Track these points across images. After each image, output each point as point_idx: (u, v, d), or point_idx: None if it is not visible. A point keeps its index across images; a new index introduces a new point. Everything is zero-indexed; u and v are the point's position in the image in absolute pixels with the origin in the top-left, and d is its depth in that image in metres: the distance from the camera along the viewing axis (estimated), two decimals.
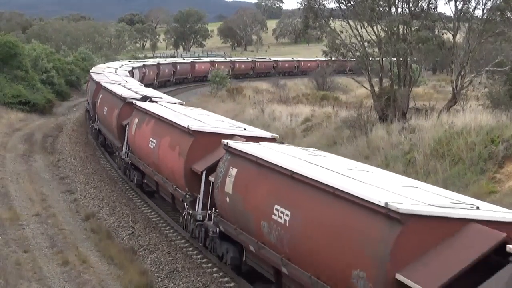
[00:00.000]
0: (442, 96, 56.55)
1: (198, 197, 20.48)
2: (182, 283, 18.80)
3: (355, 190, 12.83)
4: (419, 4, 37.00)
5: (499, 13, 35.96)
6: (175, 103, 30.78)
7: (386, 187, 13.28)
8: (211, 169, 19.67)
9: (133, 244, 22.42)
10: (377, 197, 12.15)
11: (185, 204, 21.72)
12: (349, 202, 12.82)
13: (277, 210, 15.14)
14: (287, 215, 14.85)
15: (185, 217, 21.95)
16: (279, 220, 14.97)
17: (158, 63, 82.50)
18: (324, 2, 38.97)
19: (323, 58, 40.45)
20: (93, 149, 39.25)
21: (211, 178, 19.35)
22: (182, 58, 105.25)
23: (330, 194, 13.35)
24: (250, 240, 16.92)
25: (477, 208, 12.32)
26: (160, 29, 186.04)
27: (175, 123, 22.76)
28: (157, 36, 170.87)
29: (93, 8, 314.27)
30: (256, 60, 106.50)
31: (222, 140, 19.09)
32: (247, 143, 18.83)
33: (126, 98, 31.96)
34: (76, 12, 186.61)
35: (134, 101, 29.91)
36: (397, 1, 37.09)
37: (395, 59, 37.43)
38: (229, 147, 18.26)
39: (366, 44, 37.53)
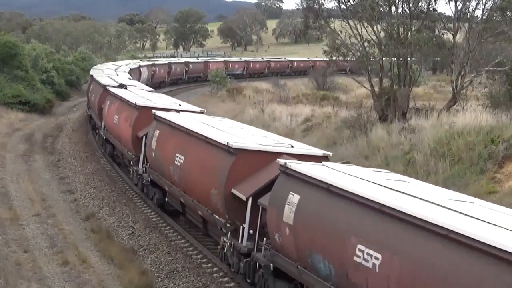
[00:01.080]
0: (442, 96, 56.55)
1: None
2: (182, 283, 18.79)
3: (214, 136, 19.62)
4: (419, 4, 37.02)
5: (499, 12, 35.95)
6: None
7: (230, 131, 20.58)
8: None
9: (133, 244, 22.42)
10: (223, 138, 19.07)
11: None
12: (209, 144, 19.66)
13: (177, 156, 21.59)
14: (182, 159, 21.40)
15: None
16: (177, 163, 21.26)
17: (170, 63, 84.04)
18: (323, 2, 39.01)
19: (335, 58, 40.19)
20: (93, 149, 39.25)
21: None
22: (196, 58, 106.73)
23: (203, 141, 20.05)
24: (166, 183, 23.28)
25: (291, 146, 18.54)
26: (160, 29, 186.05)
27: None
28: (157, 36, 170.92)
29: (93, 8, 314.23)
30: (271, 60, 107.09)
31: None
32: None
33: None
34: (76, 12, 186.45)
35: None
36: (397, 0, 37.10)
37: (395, 59, 37.44)
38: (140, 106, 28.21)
39: (366, 44, 37.54)
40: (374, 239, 12.00)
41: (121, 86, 37.69)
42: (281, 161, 15.86)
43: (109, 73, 49.91)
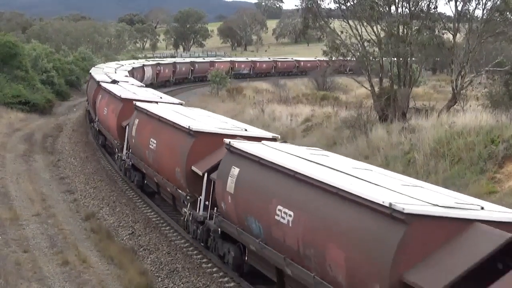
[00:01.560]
0: (442, 96, 56.56)
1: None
2: (182, 283, 18.79)
3: (180, 121, 22.52)
4: (419, 4, 37.02)
5: (498, 13, 35.98)
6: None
7: (197, 118, 23.65)
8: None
9: (133, 244, 22.42)
10: (186, 123, 21.85)
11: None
12: (175, 129, 22.54)
13: (151, 141, 24.48)
14: (155, 143, 24.46)
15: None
16: (151, 147, 23.21)
17: (175, 62, 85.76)
18: (322, 2, 38.99)
19: (341, 58, 40.19)
20: (93, 149, 39.26)
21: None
22: (202, 58, 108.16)
23: (171, 126, 22.99)
24: (143, 166, 26.56)
25: (245, 130, 21.47)
26: (160, 29, 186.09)
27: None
28: (157, 36, 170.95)
29: (93, 8, 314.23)
30: (278, 60, 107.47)
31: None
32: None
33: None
34: (76, 12, 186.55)
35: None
36: (397, 0, 37.10)
37: (395, 59, 37.44)
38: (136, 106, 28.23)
39: (366, 44, 37.54)
40: (289, 200, 14.83)
41: (114, 82, 40.94)
42: (226, 140, 18.59)
43: (107, 71, 52.44)
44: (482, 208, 12.13)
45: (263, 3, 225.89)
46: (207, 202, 20.06)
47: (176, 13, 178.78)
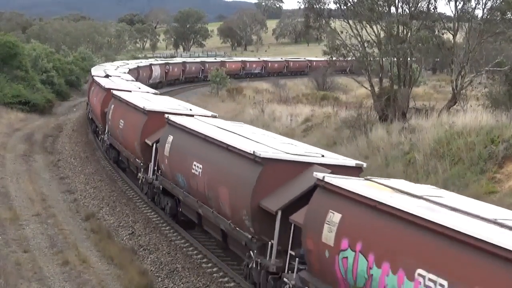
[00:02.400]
0: (442, 96, 56.56)
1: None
2: (182, 283, 18.79)
3: (132, 98, 29.63)
4: (419, 5, 37.01)
5: (499, 13, 35.97)
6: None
7: (151, 99, 30.56)
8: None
9: (133, 244, 22.41)
10: (142, 104, 27.77)
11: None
12: (131, 107, 28.85)
13: (121, 121, 28.67)
14: (122, 123, 30.04)
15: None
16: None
17: (184, 62, 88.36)
18: (324, 1, 39.01)
19: (341, 58, 40.24)
20: (93, 149, 39.26)
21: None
22: (214, 58, 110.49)
23: (133, 107, 28.47)
24: (116, 144, 32.09)
25: (190, 109, 26.78)
26: (160, 29, 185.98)
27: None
28: (157, 36, 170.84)
29: (93, 8, 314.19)
30: (290, 59, 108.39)
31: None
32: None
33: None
34: (76, 12, 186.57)
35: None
36: (396, 1, 37.10)
37: (395, 59, 37.44)
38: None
39: (366, 44, 37.54)
40: (200, 156, 20.15)
41: (106, 76, 45.76)
42: (171, 117, 23.46)
43: (107, 68, 56.20)
44: (323, 156, 16.86)
45: (263, 3, 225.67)
46: (155, 167, 24.98)
47: (176, 13, 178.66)
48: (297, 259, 14.96)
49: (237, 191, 17.08)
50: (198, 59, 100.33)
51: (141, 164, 26.88)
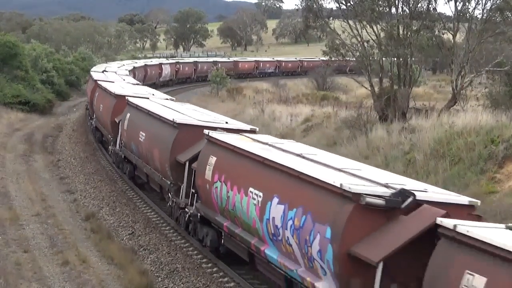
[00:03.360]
0: (442, 96, 56.55)
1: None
2: (182, 283, 18.79)
3: (109, 87, 36.53)
4: (419, 5, 37.01)
5: (498, 13, 35.97)
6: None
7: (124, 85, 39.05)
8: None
9: (133, 244, 22.41)
10: (115, 90, 34.64)
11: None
12: (106, 91, 36.34)
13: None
14: (102, 107, 36.28)
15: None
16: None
17: (196, 61, 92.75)
18: (322, 2, 39.01)
19: (341, 58, 40.32)
20: (93, 149, 39.27)
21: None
22: (227, 58, 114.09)
23: (108, 93, 35.19)
24: (99, 124, 37.92)
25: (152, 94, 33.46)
26: (160, 29, 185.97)
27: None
28: (157, 36, 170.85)
29: (93, 8, 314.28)
30: (304, 59, 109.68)
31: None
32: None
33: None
34: (76, 12, 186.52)
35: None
36: (396, 1, 37.10)
37: (395, 59, 37.44)
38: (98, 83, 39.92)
39: (366, 44, 37.54)
40: (145, 127, 26.17)
41: (102, 72, 50.66)
42: (126, 98, 30.83)
43: (108, 65, 60.93)
44: (226, 123, 22.66)
45: (263, 3, 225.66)
46: (118, 140, 30.92)
47: (176, 13, 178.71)
48: (195, 195, 20.58)
49: (162, 150, 23.15)
50: (210, 59, 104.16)
51: (110, 137, 30.63)
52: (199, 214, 20.22)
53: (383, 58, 37.93)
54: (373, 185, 13.18)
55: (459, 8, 36.98)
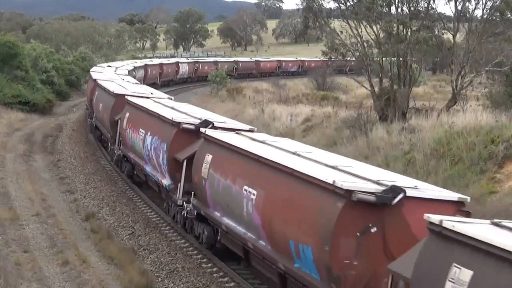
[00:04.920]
0: (442, 96, 56.55)
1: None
2: (182, 283, 18.79)
3: (108, 86, 37.57)
4: (419, 5, 37.01)
5: (498, 13, 35.97)
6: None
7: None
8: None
9: (133, 244, 22.42)
10: (112, 87, 37.12)
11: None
12: (105, 92, 37.68)
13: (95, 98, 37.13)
14: (101, 107, 37.24)
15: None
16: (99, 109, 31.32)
17: (216, 61, 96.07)
18: (322, 2, 39.00)
19: (340, 58, 40.69)
20: (93, 149, 39.26)
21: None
22: (249, 57, 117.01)
23: (106, 92, 36.98)
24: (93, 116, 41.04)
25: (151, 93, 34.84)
26: (160, 29, 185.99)
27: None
28: (157, 36, 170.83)
29: (93, 8, 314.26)
30: (325, 59, 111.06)
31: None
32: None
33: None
34: (76, 12, 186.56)
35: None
36: (396, 1, 37.09)
37: (394, 59, 37.44)
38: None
39: (365, 44, 37.54)
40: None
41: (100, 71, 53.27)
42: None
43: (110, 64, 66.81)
44: (152, 94, 33.14)
45: (263, 3, 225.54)
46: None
47: (176, 13, 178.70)
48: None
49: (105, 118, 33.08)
50: (231, 58, 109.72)
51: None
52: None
53: (383, 58, 37.93)
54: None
55: (459, 8, 36.98)
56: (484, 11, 36.61)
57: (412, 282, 11.14)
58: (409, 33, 36.69)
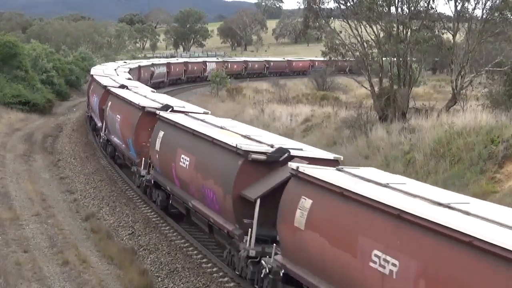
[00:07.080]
0: (442, 96, 56.55)
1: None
2: (182, 283, 18.80)
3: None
4: (419, 5, 37.03)
5: (498, 13, 36.00)
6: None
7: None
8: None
9: (133, 244, 22.42)
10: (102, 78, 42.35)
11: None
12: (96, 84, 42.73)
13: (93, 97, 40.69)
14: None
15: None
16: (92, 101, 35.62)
17: (225, 60, 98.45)
18: (323, 1, 39.05)
19: (340, 58, 40.95)
20: (93, 149, 39.26)
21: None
22: (282, 57, 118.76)
23: (100, 86, 39.67)
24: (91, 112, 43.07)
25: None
26: (160, 29, 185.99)
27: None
28: (157, 36, 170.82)
29: (93, 8, 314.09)
30: (337, 60, 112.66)
31: None
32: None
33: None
34: (76, 12, 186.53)
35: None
36: (396, 1, 37.12)
37: (394, 59, 37.46)
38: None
39: (365, 44, 37.56)
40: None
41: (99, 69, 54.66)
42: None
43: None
44: (127, 84, 37.73)
45: (263, 3, 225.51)
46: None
47: (176, 13, 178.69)
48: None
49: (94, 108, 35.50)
50: (262, 58, 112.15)
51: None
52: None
53: (383, 58, 37.95)
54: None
55: (458, 8, 37.00)
56: (484, 11, 36.66)
57: (279, 212, 15.09)
58: (409, 33, 36.71)
